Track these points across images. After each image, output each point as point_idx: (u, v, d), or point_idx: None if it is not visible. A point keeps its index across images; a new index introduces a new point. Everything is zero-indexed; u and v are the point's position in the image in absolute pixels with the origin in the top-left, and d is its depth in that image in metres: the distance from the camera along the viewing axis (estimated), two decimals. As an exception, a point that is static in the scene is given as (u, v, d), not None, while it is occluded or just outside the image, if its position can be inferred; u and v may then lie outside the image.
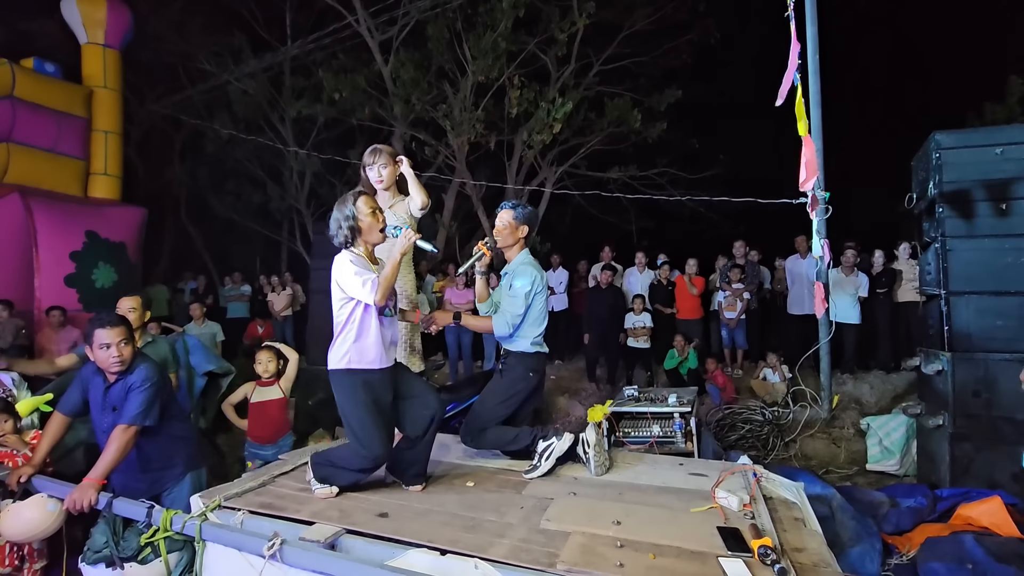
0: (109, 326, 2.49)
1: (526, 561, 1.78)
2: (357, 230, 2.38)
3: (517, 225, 2.83)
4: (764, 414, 5.21)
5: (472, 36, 8.73)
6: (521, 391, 2.81)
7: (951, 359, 3.83)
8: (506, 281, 2.84)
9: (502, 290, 2.88)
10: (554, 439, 2.64)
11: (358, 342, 2.32)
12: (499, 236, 2.83)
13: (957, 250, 3.96)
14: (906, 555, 2.79)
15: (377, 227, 2.41)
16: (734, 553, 1.78)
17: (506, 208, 2.88)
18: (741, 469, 2.51)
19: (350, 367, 2.32)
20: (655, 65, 10.01)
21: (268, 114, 10.76)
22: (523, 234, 2.86)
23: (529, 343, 2.78)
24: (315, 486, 2.37)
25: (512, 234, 2.83)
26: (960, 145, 4.02)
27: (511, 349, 2.81)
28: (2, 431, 2.87)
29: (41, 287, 6.28)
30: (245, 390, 3.83)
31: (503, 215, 2.86)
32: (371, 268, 2.37)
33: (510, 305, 2.74)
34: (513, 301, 2.73)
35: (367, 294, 2.25)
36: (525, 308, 2.71)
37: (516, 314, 2.71)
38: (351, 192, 2.46)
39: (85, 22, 7.43)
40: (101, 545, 2.35)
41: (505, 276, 2.87)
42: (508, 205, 2.89)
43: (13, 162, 6.64)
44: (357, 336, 2.32)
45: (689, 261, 7.08)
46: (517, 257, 2.86)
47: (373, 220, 2.40)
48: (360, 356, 2.32)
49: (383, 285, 2.26)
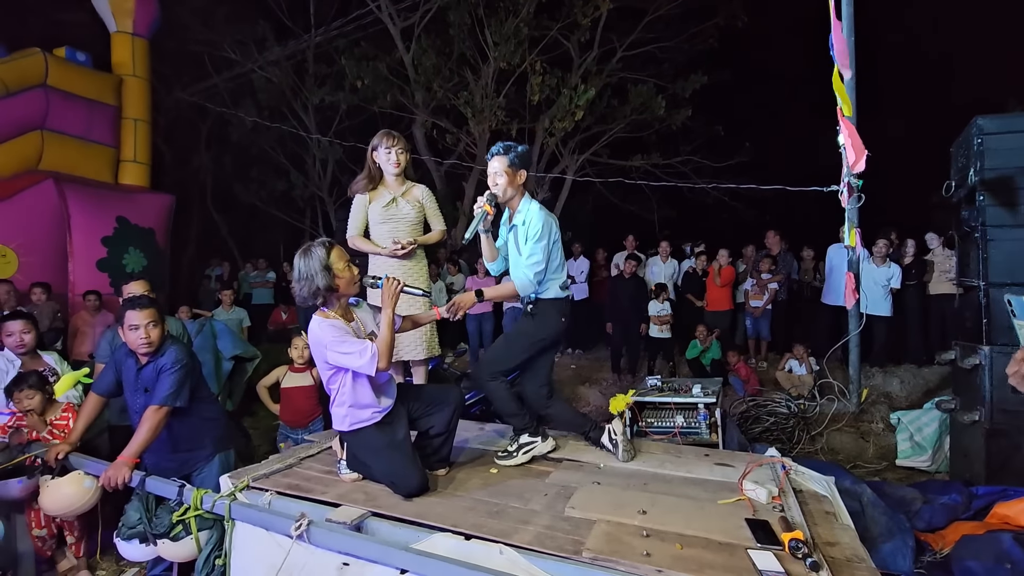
0: (139, 308, 2.56)
1: (551, 548, 1.77)
2: (334, 288, 2.17)
3: (515, 172, 2.55)
4: (790, 406, 5.12)
5: (494, 22, 8.65)
6: (549, 336, 2.65)
7: (989, 353, 3.69)
8: (518, 235, 2.59)
9: (513, 245, 2.64)
10: (538, 440, 2.63)
11: (354, 405, 2.27)
12: (497, 188, 2.55)
13: (998, 240, 3.80)
14: (940, 553, 2.71)
15: (353, 281, 2.23)
16: (763, 546, 1.75)
17: (497, 155, 2.56)
18: (769, 461, 2.46)
19: (352, 428, 2.30)
20: (680, 50, 9.80)
21: (291, 102, 10.83)
22: (522, 179, 2.59)
23: (558, 287, 2.61)
24: (343, 470, 2.39)
25: (511, 182, 2.55)
26: (1003, 130, 3.83)
27: (542, 297, 2.61)
28: (28, 406, 2.94)
29: (74, 271, 6.45)
30: (277, 374, 3.90)
31: (496, 163, 2.55)
32: (349, 330, 2.21)
33: (529, 259, 2.51)
34: (532, 255, 2.50)
35: (368, 364, 2.12)
36: (546, 258, 2.51)
37: (538, 267, 2.50)
38: (316, 243, 2.19)
39: (115, 11, 7.53)
40: (135, 521, 2.41)
41: (512, 229, 2.64)
42: (498, 149, 2.57)
43: (47, 149, 6.80)
44: (352, 400, 2.26)
45: (721, 252, 6.94)
46: (521, 205, 2.60)
47: (349, 274, 2.21)
48: (359, 416, 2.28)
49: (384, 352, 2.13)
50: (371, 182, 3.07)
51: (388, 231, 3.03)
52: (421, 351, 3.09)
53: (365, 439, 2.29)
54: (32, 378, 3.03)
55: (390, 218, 3.04)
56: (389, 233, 3.03)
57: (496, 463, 2.57)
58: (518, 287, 2.56)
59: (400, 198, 3.06)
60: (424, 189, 3.16)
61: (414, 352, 3.08)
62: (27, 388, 2.98)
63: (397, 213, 3.04)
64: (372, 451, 2.28)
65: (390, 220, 3.04)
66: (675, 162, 10.02)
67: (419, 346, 3.08)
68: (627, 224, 9.83)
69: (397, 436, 2.31)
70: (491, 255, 2.76)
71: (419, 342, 3.08)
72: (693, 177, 9.73)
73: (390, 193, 3.06)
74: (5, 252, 6.18)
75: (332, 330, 2.17)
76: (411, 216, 3.06)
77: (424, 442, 2.47)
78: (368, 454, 2.29)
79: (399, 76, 9.50)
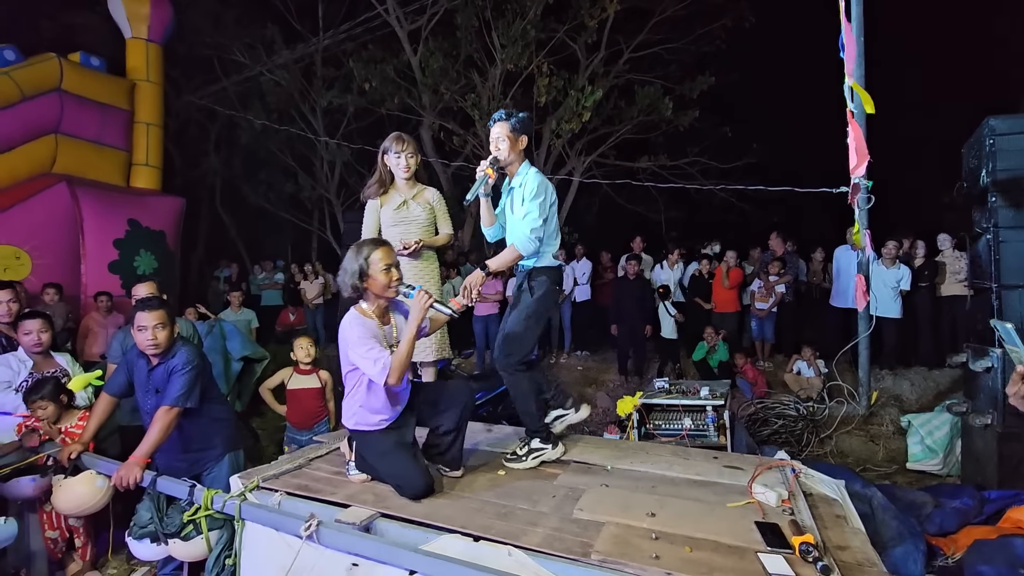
0: (148, 310, 2.60)
1: (560, 550, 1.77)
2: (364, 288, 2.23)
3: (516, 136, 2.57)
4: (798, 409, 5.09)
5: (501, 24, 8.66)
6: (550, 307, 2.69)
7: (1001, 355, 3.66)
8: (515, 197, 2.61)
9: (509, 208, 2.66)
10: (548, 447, 2.61)
11: (365, 407, 2.27)
12: (500, 152, 2.56)
13: (1010, 241, 3.78)
14: (951, 557, 2.69)
15: (389, 285, 2.24)
16: (773, 549, 1.74)
17: (500, 120, 2.57)
18: (779, 464, 2.45)
19: (358, 428, 2.31)
20: (687, 51, 9.76)
21: (300, 104, 10.91)
22: (523, 145, 2.61)
23: (551, 256, 2.63)
24: (351, 471, 2.40)
25: (513, 147, 2.57)
26: (1015, 131, 3.82)
27: (537, 266, 2.61)
28: (41, 416, 2.94)
29: (87, 273, 6.52)
30: (283, 375, 3.91)
31: (499, 128, 2.57)
32: (380, 332, 2.24)
33: (527, 217, 2.51)
34: (529, 212, 2.51)
35: (378, 375, 2.12)
36: (542, 215, 2.51)
37: (535, 223, 2.49)
38: (367, 241, 2.30)
39: (130, 17, 7.63)
40: (146, 521, 2.44)
41: (510, 192, 2.65)
42: (501, 115, 2.59)
43: (60, 153, 6.90)
44: (364, 401, 2.27)
45: (729, 253, 6.93)
46: (520, 169, 2.61)
47: (386, 278, 2.22)
48: (367, 419, 2.28)
49: (397, 368, 2.12)
50: (381, 186, 3.12)
51: (399, 233, 3.07)
52: (432, 352, 3.10)
53: (372, 441, 2.30)
54: (47, 388, 2.99)
55: (401, 220, 3.07)
56: (400, 235, 3.06)
57: (504, 465, 2.57)
58: (518, 247, 2.54)
59: (411, 200, 3.09)
60: (435, 192, 3.20)
61: (424, 353, 3.10)
62: (40, 399, 2.95)
63: (408, 215, 3.08)
64: (378, 453, 2.29)
65: (401, 223, 3.08)
66: (682, 163, 9.99)
67: (430, 347, 3.10)
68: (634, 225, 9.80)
69: (404, 438, 2.31)
70: (489, 220, 2.75)
71: (430, 343, 3.09)
72: (700, 178, 9.69)
73: (401, 196, 3.10)
74: (19, 254, 6.26)
75: (360, 329, 2.19)
76: (422, 218, 3.09)
77: (434, 440, 2.46)
78: (374, 456, 2.30)
79: (406, 78, 9.54)
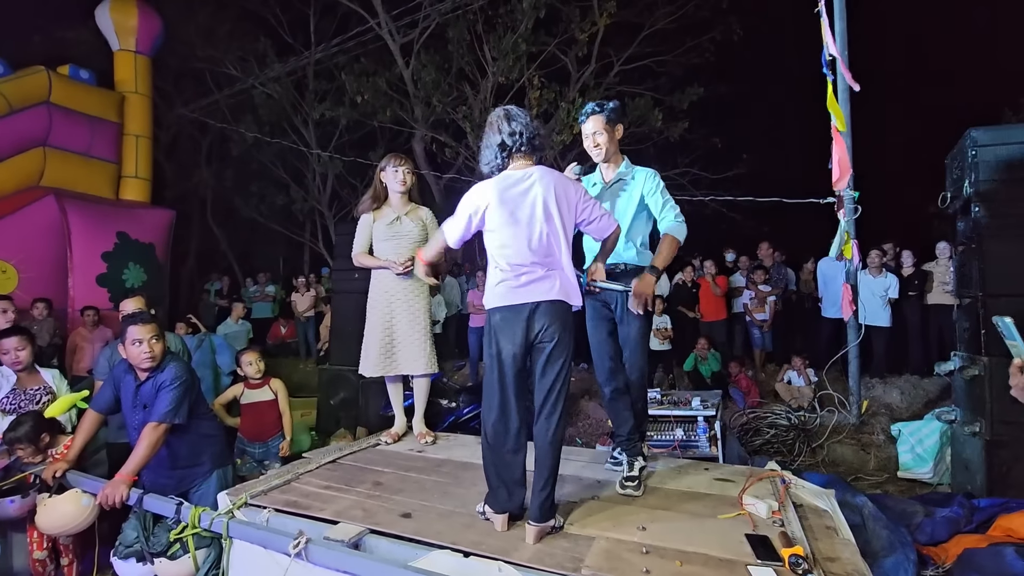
0: (142, 323, 2.59)
1: (550, 565, 1.76)
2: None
3: (612, 127, 2.41)
4: (790, 419, 5.11)
5: (492, 38, 8.76)
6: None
7: (988, 363, 3.70)
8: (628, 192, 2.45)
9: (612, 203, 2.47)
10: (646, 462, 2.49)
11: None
12: (598, 148, 2.43)
13: (993, 251, 3.83)
14: (942, 566, 2.70)
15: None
16: (764, 562, 1.74)
17: (593, 113, 2.41)
18: (769, 475, 2.46)
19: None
20: (677, 64, 9.91)
21: (292, 117, 10.94)
22: (620, 135, 2.45)
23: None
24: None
25: (611, 139, 2.41)
26: (997, 142, 3.88)
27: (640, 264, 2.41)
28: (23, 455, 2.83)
29: (74, 286, 6.47)
30: (234, 391, 3.90)
31: (594, 122, 2.40)
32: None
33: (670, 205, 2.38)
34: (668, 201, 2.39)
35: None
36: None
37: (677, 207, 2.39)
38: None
39: (118, 30, 7.65)
40: (132, 540, 2.40)
41: (616, 185, 2.49)
42: (592, 108, 2.42)
43: (49, 165, 6.87)
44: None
45: (707, 263, 7.01)
46: (624, 163, 2.49)
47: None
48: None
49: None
50: (376, 201, 3.16)
51: (392, 248, 3.09)
52: (421, 366, 3.10)
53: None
54: (24, 428, 2.82)
55: (394, 236, 3.09)
56: (393, 250, 3.09)
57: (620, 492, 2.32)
58: (677, 235, 2.37)
59: (404, 216, 3.12)
60: (428, 211, 3.24)
61: (413, 367, 3.10)
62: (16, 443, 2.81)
63: (401, 230, 3.10)
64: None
65: (393, 238, 3.09)
66: (673, 174, 10.09)
67: (419, 360, 3.09)
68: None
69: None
70: None
71: (420, 356, 3.09)
72: (691, 189, 9.79)
73: (394, 212, 3.13)
74: (5, 268, 6.20)
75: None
76: (414, 233, 3.12)
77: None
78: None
79: (399, 91, 9.60)
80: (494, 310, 2.03)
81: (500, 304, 2.01)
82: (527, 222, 2.00)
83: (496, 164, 2.09)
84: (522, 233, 2.00)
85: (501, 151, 2.06)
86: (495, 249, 2.04)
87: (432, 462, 2.84)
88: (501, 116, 2.09)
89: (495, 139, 2.07)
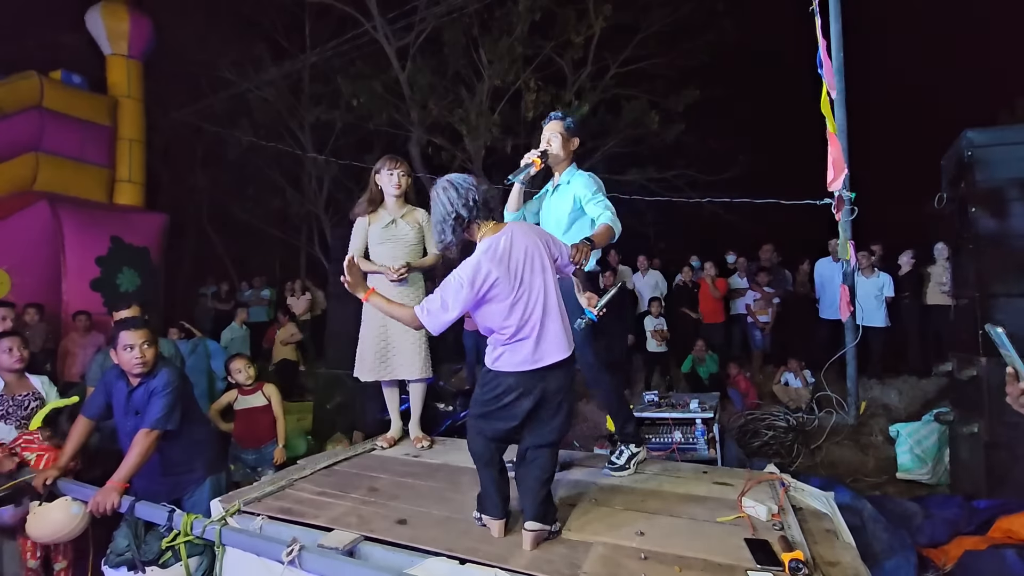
0: (133, 328, 2.56)
1: (548, 572, 1.73)
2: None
3: (569, 136, 2.64)
4: (788, 420, 5.09)
5: (488, 41, 8.75)
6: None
7: (986, 364, 3.70)
8: (561, 193, 2.64)
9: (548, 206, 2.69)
10: (640, 449, 2.67)
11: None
12: (551, 147, 2.62)
13: (989, 251, 3.83)
14: (943, 569, 2.68)
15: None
16: (763, 567, 1.72)
17: (555, 119, 2.66)
18: (768, 478, 2.44)
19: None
20: (673, 66, 9.91)
21: (287, 121, 10.89)
22: (574, 147, 2.66)
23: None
24: None
25: (565, 146, 2.63)
26: (992, 143, 3.89)
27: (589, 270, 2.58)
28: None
29: (68, 291, 6.42)
30: (228, 397, 3.88)
31: (553, 126, 2.64)
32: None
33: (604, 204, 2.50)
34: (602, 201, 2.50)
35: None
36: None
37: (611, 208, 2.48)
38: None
39: (109, 35, 7.61)
40: (123, 548, 2.36)
41: (555, 190, 2.69)
42: (556, 115, 2.68)
43: (42, 170, 6.82)
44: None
45: (706, 265, 7.00)
46: (570, 169, 2.67)
47: None
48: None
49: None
50: (371, 204, 3.12)
51: (387, 251, 3.06)
52: (416, 371, 3.07)
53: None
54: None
55: (389, 239, 3.06)
56: (388, 253, 3.05)
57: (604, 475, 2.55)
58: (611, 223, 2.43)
59: (400, 219, 3.08)
60: (424, 213, 3.18)
61: (408, 371, 3.07)
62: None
63: (397, 234, 3.06)
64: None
65: (389, 241, 3.06)
66: (669, 176, 10.09)
67: (414, 364, 3.07)
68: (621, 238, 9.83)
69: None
70: (515, 206, 2.74)
71: (414, 361, 3.07)
72: (687, 191, 9.79)
73: (390, 215, 3.09)
74: (-2, 273, 6.15)
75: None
76: (410, 237, 3.08)
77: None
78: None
79: (394, 94, 9.58)
80: (509, 374, 1.97)
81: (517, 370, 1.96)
82: (530, 281, 1.97)
83: (454, 239, 2.03)
84: (525, 295, 1.96)
85: (458, 224, 2.00)
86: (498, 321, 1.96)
87: (428, 467, 2.81)
88: (447, 188, 2.04)
89: (447, 212, 2.00)
